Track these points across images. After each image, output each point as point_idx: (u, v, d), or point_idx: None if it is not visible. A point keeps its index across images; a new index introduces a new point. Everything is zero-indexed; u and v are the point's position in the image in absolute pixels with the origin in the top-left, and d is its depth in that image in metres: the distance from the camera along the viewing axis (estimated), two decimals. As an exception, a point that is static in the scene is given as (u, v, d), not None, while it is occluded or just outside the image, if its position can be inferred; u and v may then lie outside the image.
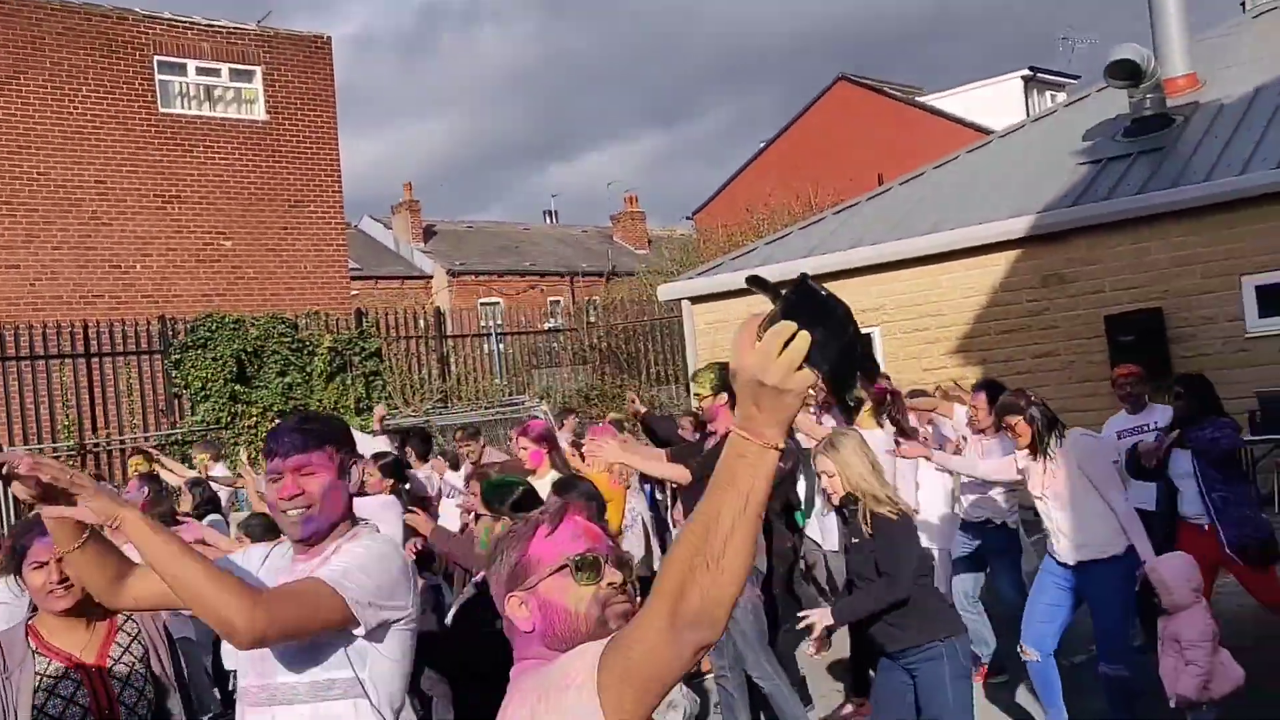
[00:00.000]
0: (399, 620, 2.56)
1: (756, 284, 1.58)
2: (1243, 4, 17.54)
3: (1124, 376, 7.43)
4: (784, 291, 1.51)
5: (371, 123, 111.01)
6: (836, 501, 4.68)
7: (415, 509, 5.63)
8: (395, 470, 6.93)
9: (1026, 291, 13.06)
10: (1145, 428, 7.08)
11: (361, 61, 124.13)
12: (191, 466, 11.08)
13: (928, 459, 6.24)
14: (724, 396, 5.60)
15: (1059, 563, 5.57)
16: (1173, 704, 5.08)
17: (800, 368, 1.47)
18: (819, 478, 4.70)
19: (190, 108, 18.84)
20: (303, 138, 19.79)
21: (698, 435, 7.25)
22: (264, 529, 5.44)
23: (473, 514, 5.25)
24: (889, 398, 6.81)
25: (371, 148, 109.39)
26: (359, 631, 2.45)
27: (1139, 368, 7.75)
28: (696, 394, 5.81)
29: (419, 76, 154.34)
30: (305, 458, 2.56)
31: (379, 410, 10.92)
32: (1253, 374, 11.30)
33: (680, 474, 5.64)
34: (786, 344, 1.47)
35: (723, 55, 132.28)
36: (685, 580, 1.50)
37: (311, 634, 2.42)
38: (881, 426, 6.58)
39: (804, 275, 1.52)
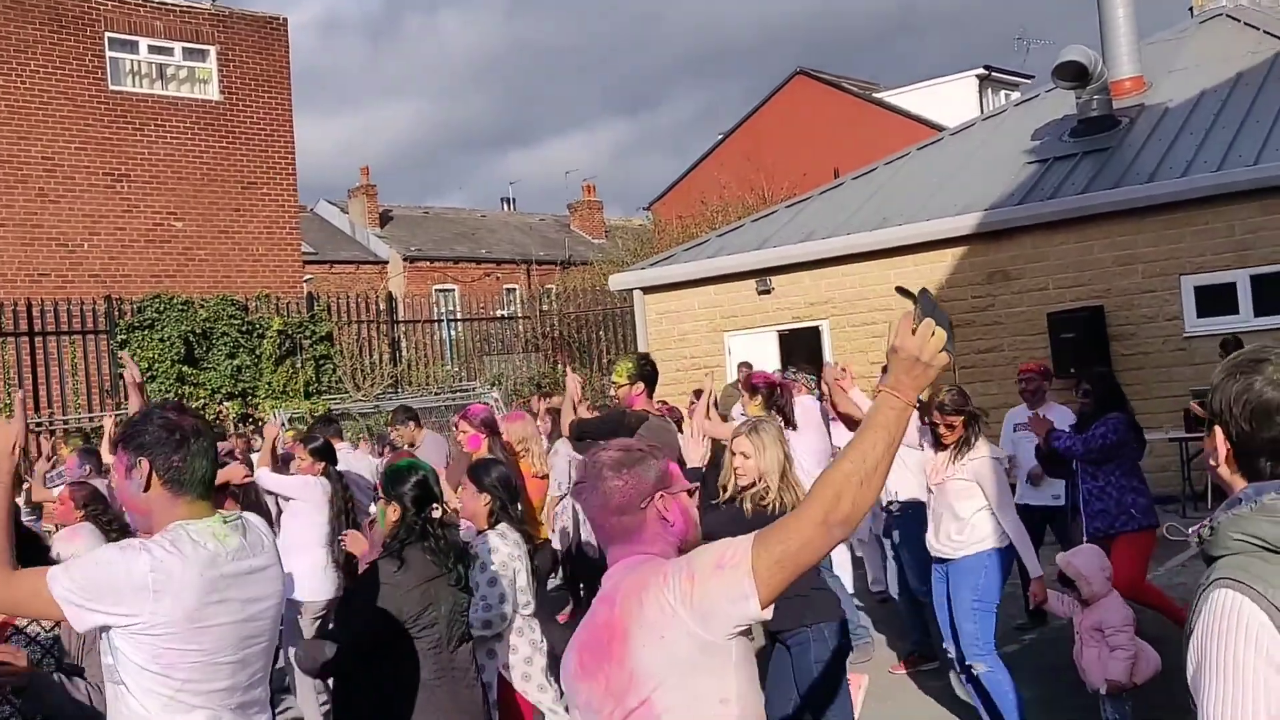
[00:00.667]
0: (125, 626, 2.50)
1: (903, 292, 2.38)
2: (1190, 9, 17.84)
3: (1025, 373, 7.92)
4: (918, 297, 2.20)
5: (334, 107, 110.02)
6: (744, 483, 4.74)
7: (352, 530, 5.51)
8: (325, 453, 6.92)
9: (972, 288, 13.25)
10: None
11: (326, 45, 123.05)
12: None
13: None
14: (640, 386, 5.70)
15: (936, 558, 5.68)
16: (1103, 691, 5.18)
17: (941, 352, 2.10)
18: (732, 457, 4.79)
19: (142, 86, 18.62)
20: (257, 119, 19.63)
21: None
22: None
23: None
24: (778, 389, 6.99)
25: (334, 132, 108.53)
26: (83, 626, 2.57)
27: (1040, 366, 8.17)
28: (614, 382, 5.86)
29: (383, 61, 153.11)
30: (116, 458, 2.77)
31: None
32: (1190, 372, 11.55)
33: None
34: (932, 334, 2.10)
35: (689, 48, 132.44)
36: (841, 491, 2.05)
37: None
38: (770, 415, 6.63)
39: (925, 290, 2.25)
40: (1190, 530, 1.95)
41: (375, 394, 16.62)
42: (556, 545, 8.27)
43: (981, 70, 31.21)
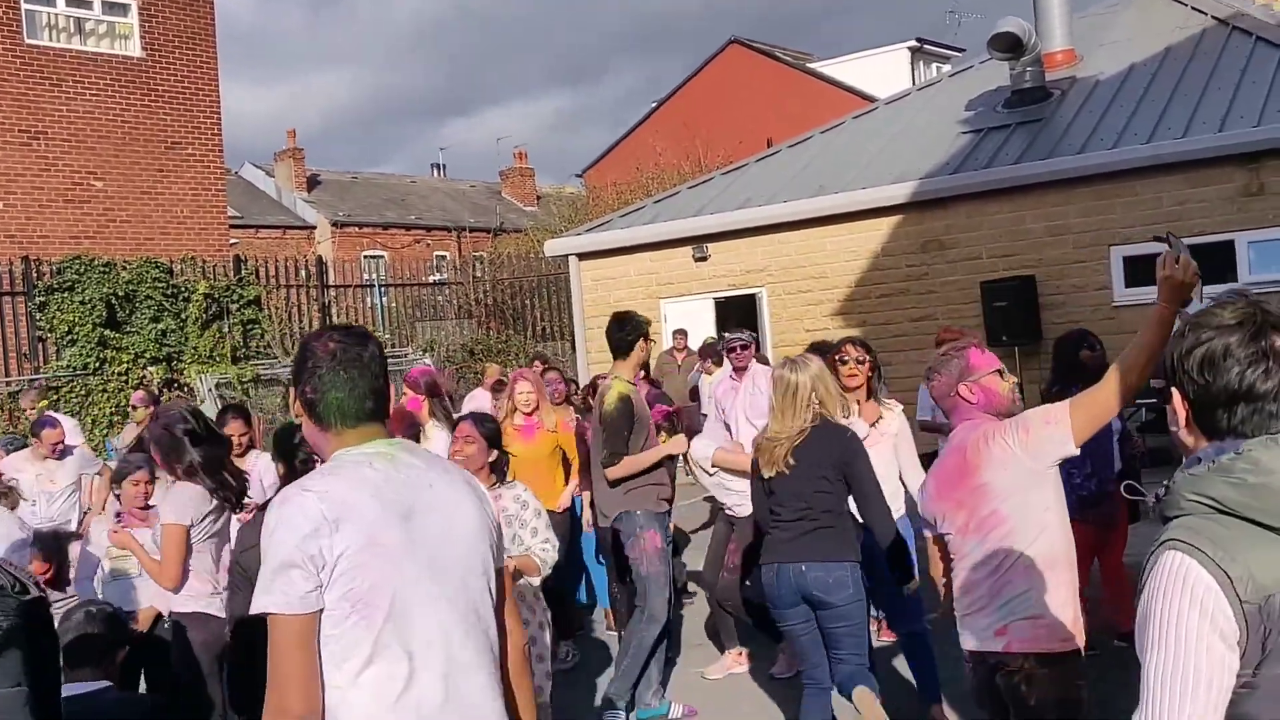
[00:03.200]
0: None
1: (1159, 238, 3.33)
2: (1121, -16, 18.05)
3: (944, 342, 7.94)
4: (1172, 241, 3.17)
5: (273, 73, 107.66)
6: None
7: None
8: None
9: (906, 256, 13.34)
10: None
11: (264, 9, 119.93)
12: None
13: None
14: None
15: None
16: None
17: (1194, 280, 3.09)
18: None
19: (59, 40, 17.98)
20: (180, 77, 19.07)
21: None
22: None
23: None
24: (674, 417, 6.92)
25: (272, 99, 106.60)
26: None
27: (959, 333, 8.18)
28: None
29: (323, 27, 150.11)
30: None
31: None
32: (1119, 341, 11.62)
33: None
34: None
35: (632, 19, 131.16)
36: (1133, 368, 3.11)
37: None
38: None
39: (1171, 234, 3.25)
40: (1154, 494, 1.93)
41: (305, 359, 16.35)
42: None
43: (913, 43, 31.45)
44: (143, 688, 5.44)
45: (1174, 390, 1.89)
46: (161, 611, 5.28)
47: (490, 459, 4.71)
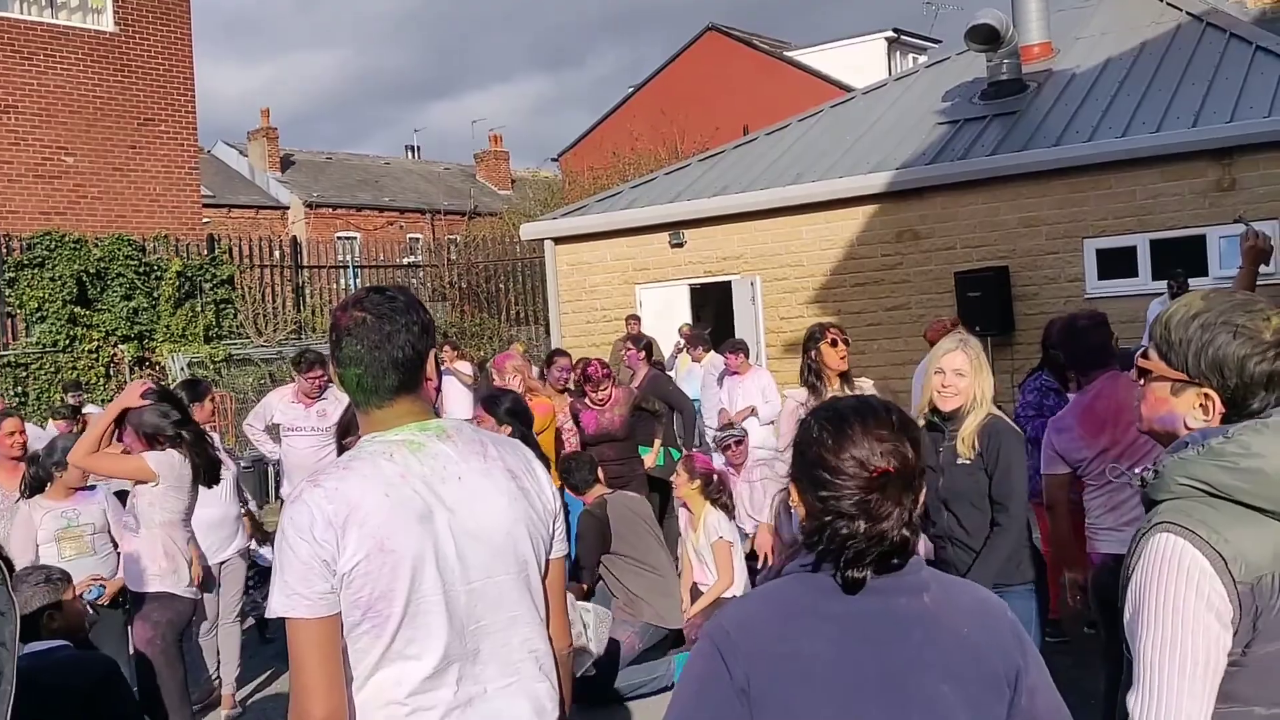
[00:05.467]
0: None
1: (1239, 220, 5.12)
2: (1097, -21, 18.15)
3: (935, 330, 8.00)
4: (1244, 220, 4.79)
5: (256, 54, 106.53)
6: (952, 406, 4.10)
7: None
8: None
9: (882, 246, 13.41)
10: None
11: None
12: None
13: None
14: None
15: None
16: None
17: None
18: (940, 375, 4.14)
19: (31, 13, 17.75)
20: (154, 53, 18.87)
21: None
22: None
23: None
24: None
25: (252, 77, 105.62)
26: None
27: (954, 322, 8.28)
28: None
29: (307, 7, 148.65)
30: None
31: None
32: (1088, 333, 11.85)
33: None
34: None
35: (614, 4, 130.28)
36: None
37: None
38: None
39: (1242, 216, 5.26)
40: (1138, 470, 1.95)
41: (278, 340, 16.26)
42: None
43: (890, 33, 31.48)
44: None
45: (1210, 393, 1.90)
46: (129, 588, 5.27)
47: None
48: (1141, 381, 2.01)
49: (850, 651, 1.72)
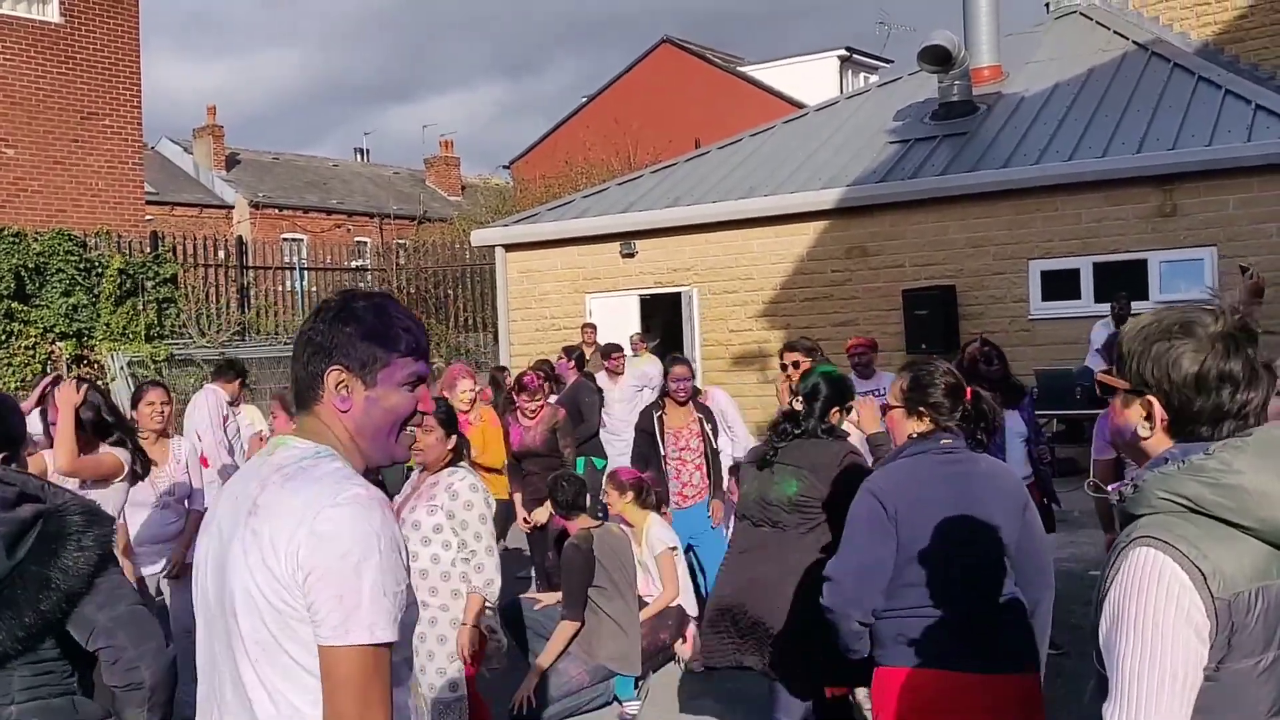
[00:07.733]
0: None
1: (1242, 269, 5.68)
2: (1047, 5, 18.48)
3: (854, 348, 8.07)
4: (1246, 268, 5.58)
5: (210, 50, 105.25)
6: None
7: None
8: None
9: (831, 262, 13.50)
10: (876, 392, 7.43)
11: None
12: None
13: None
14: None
15: None
16: None
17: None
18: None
19: (-26, 1, 17.39)
20: (100, 45, 18.56)
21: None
22: None
23: None
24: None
25: (208, 75, 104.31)
26: None
27: (869, 341, 8.33)
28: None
29: (264, 6, 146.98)
30: None
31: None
32: (1033, 353, 12.03)
33: None
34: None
35: (575, 14, 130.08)
36: None
37: None
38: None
39: (1245, 266, 5.73)
40: (1112, 488, 1.96)
41: (221, 340, 16.03)
42: None
43: (843, 52, 31.77)
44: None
45: (1151, 398, 1.89)
46: None
47: (449, 446, 4.48)
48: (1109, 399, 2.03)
49: (950, 492, 3.30)
